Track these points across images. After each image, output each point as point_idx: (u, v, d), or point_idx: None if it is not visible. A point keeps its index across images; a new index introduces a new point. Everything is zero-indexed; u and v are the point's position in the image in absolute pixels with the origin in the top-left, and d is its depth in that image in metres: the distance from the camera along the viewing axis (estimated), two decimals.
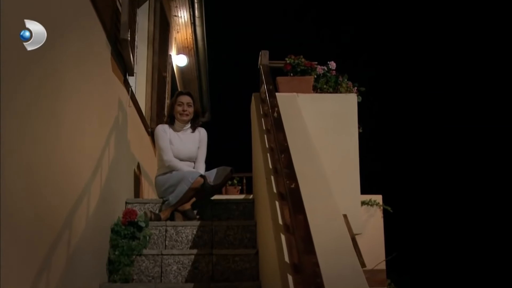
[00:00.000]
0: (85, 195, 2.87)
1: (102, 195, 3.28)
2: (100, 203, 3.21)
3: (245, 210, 4.19)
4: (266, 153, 3.33)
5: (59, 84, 2.43)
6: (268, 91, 3.75)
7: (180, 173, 4.07)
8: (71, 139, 2.64)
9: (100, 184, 3.23)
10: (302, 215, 2.24)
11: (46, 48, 2.01)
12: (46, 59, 2.23)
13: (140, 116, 4.82)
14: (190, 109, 4.30)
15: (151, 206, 4.15)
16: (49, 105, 2.30)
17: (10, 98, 1.83)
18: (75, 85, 2.71)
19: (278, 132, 3.06)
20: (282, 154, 2.79)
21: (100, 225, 3.32)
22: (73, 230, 2.63)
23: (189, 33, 8.23)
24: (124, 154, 4.13)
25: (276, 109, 3.41)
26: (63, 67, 2.51)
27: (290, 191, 2.43)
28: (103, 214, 3.38)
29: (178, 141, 4.25)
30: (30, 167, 2.06)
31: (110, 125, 3.58)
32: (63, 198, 2.54)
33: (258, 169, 3.70)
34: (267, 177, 3.04)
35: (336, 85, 4.77)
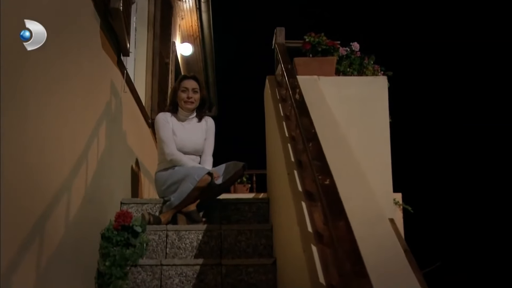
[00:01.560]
0: (64, 195, 2.31)
1: (88, 194, 2.72)
2: (85, 204, 2.65)
3: (259, 211, 3.62)
4: (286, 144, 2.75)
5: (28, 61, 1.86)
6: (286, 71, 3.17)
7: (184, 169, 3.50)
8: (47, 128, 2.08)
9: (85, 182, 2.66)
10: (343, 221, 1.66)
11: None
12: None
13: (138, 105, 4.26)
14: (196, 96, 3.72)
15: (150, 207, 3.58)
16: (14, 84, 1.75)
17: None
18: (52, 62, 2.15)
19: (302, 116, 2.49)
20: (309, 143, 2.21)
21: (87, 231, 2.76)
22: (46, 238, 2.07)
23: (194, 20, 7.66)
24: (119, 148, 3.57)
25: (297, 90, 2.84)
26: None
27: (325, 189, 1.85)
28: (90, 217, 2.81)
29: (182, 132, 3.68)
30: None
31: (99, 112, 3.02)
32: (35, 199, 1.98)
33: (276, 163, 3.13)
34: (289, 171, 2.47)
35: (361, 68, 4.19)
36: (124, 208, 3.55)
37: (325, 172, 1.96)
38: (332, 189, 1.85)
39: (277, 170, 2.99)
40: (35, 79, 1.97)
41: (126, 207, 3.55)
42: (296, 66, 3.73)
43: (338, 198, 1.79)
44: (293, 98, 2.71)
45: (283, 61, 3.34)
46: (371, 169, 3.45)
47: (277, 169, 2.99)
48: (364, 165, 3.30)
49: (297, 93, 2.77)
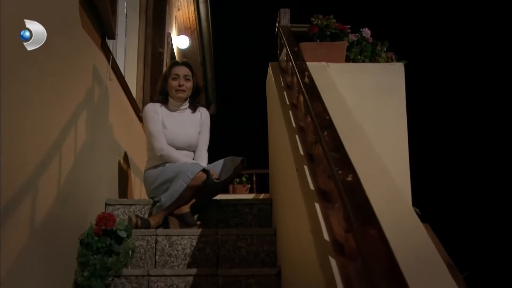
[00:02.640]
0: (28, 195, 1.92)
1: (62, 193, 2.33)
2: (57, 205, 2.25)
3: (261, 213, 3.22)
4: (293, 135, 2.36)
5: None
6: (292, 54, 2.78)
7: (176, 166, 3.10)
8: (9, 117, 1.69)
9: (57, 179, 2.27)
10: (375, 229, 1.27)
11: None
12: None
13: (128, 96, 3.87)
14: (188, 84, 3.32)
15: (139, 208, 3.19)
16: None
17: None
18: (17, 40, 1.76)
19: (313, 102, 2.10)
20: (324, 131, 1.82)
21: (61, 236, 2.37)
22: (5, 246, 1.67)
23: (191, 11, 7.28)
24: (103, 141, 3.17)
25: (306, 73, 2.45)
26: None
27: (347, 188, 1.46)
28: (64, 220, 2.42)
29: (173, 124, 3.29)
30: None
31: (77, 100, 2.63)
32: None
33: (281, 158, 2.74)
34: (298, 167, 2.07)
35: (373, 55, 3.80)
36: (109, 209, 3.16)
37: (346, 166, 1.57)
38: (356, 187, 1.46)
39: (283, 166, 2.60)
40: (5, 63, 1.59)
41: (112, 208, 3.16)
42: (302, 51, 3.34)
43: (365, 198, 1.40)
44: (301, 83, 2.32)
45: (289, 44, 2.95)
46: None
47: (283, 165, 2.60)
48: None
49: (306, 76, 2.38)
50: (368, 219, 1.32)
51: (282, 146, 2.59)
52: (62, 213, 2.36)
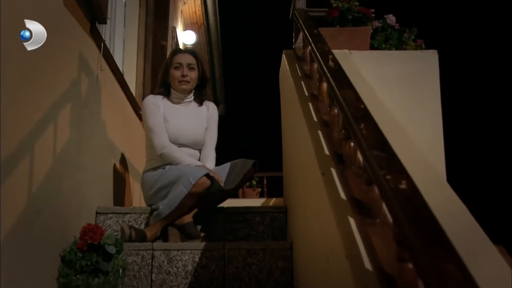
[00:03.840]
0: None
1: (36, 202, 1.92)
2: (30, 216, 1.85)
3: (274, 223, 2.81)
4: (315, 132, 1.94)
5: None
6: (312, 36, 2.36)
7: (177, 169, 2.69)
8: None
9: (28, 186, 1.86)
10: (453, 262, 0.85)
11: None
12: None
13: (125, 91, 3.47)
14: (193, 74, 2.92)
15: (134, 218, 2.78)
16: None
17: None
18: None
19: (343, 89, 1.68)
20: (360, 124, 1.40)
21: (36, 253, 1.97)
22: None
23: (198, 5, 6.89)
24: (93, 141, 2.77)
25: (330, 56, 2.03)
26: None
27: (401, 198, 1.04)
28: (41, 235, 2.02)
29: (176, 117, 2.88)
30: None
31: (59, 93, 2.23)
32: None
33: (299, 160, 2.32)
34: (323, 170, 1.65)
35: (400, 43, 3.39)
36: (100, 219, 2.76)
37: (396, 169, 1.15)
38: (415, 198, 1.04)
39: (302, 169, 2.18)
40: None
41: (103, 217, 2.76)
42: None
43: (431, 215, 0.98)
44: (325, 67, 1.90)
45: (306, 26, 2.53)
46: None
47: (302, 168, 2.18)
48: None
49: (330, 59, 1.97)
50: (439, 247, 0.90)
51: (301, 145, 2.18)
52: (37, 226, 1.96)
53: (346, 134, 1.59)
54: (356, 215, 1.34)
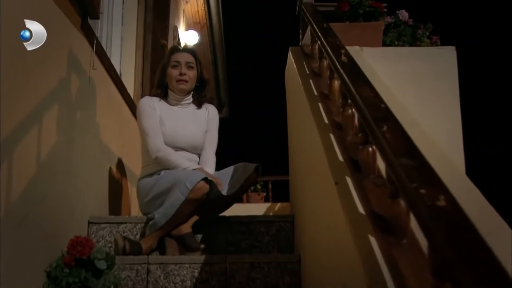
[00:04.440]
0: None
1: (16, 212, 1.73)
2: (9, 229, 1.66)
3: (280, 234, 2.60)
4: (326, 135, 1.73)
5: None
6: (321, 30, 2.16)
7: (173, 174, 2.49)
8: None
9: (9, 191, 1.67)
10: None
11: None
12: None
13: (121, 92, 3.27)
14: (191, 73, 2.72)
15: (130, 228, 2.59)
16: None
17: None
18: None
19: (359, 86, 1.47)
20: (382, 126, 1.20)
21: (18, 268, 1.77)
22: None
23: (200, 4, 6.70)
24: (85, 144, 2.57)
25: (343, 51, 1.82)
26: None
27: (441, 218, 0.84)
28: (24, 248, 1.82)
29: (173, 120, 2.69)
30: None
31: (44, 93, 2.03)
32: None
33: (308, 164, 2.11)
34: (337, 179, 1.44)
35: (414, 40, 3.18)
36: (93, 229, 2.57)
37: (432, 181, 0.94)
38: (459, 220, 0.83)
39: (312, 175, 1.97)
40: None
41: (96, 228, 2.56)
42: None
43: (481, 242, 0.77)
44: (338, 64, 1.69)
45: (315, 20, 2.33)
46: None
47: (312, 175, 1.97)
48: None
49: (342, 54, 1.76)
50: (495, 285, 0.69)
51: (310, 149, 1.97)
52: (20, 238, 1.77)
53: (363, 138, 1.38)
54: (378, 233, 1.14)
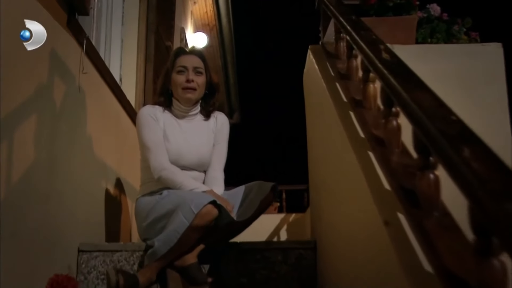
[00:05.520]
0: None
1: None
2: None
3: (301, 263, 2.23)
4: (363, 153, 1.36)
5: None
6: (350, 23, 1.79)
7: (177, 195, 2.13)
8: None
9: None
10: None
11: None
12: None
13: (120, 99, 2.93)
14: (200, 79, 2.36)
15: (126, 256, 2.23)
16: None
17: None
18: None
19: (414, 91, 1.11)
20: (461, 149, 0.83)
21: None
22: None
23: (209, 5, 6.37)
24: (73, 162, 2.22)
25: (382, 46, 1.46)
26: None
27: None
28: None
29: (178, 135, 2.34)
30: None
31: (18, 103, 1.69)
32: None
33: (336, 187, 1.74)
34: (387, 219, 1.07)
35: (449, 37, 2.81)
36: (83, 258, 2.22)
37: None
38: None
39: (341, 202, 1.60)
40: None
41: (87, 256, 2.21)
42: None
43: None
44: (378, 62, 1.33)
45: (341, 13, 1.96)
46: None
47: (342, 201, 1.60)
48: None
49: (382, 50, 1.39)
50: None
51: (341, 169, 1.60)
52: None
53: (422, 161, 1.01)
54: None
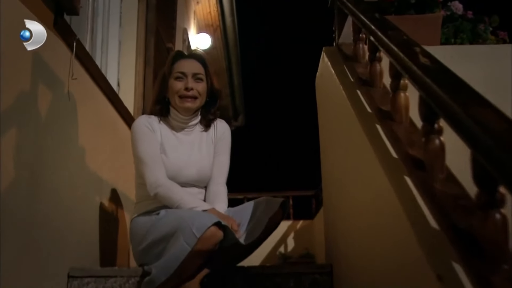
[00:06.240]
0: None
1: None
2: None
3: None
4: (399, 177, 1.13)
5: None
6: (373, 22, 1.56)
7: (176, 215, 1.90)
8: None
9: None
10: None
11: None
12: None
13: (116, 106, 2.71)
14: (200, 87, 2.13)
15: (120, 283, 2.01)
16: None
17: None
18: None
19: (467, 105, 0.87)
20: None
21: None
22: None
23: (213, 5, 6.14)
24: (60, 180, 1.99)
25: (417, 48, 1.22)
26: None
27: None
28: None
29: (176, 149, 2.11)
30: None
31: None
32: None
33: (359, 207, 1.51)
34: (440, 273, 0.83)
35: (475, 37, 2.59)
36: (74, 284, 1.99)
37: None
38: None
39: (365, 229, 1.37)
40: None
41: (78, 283, 1.99)
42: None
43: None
44: (416, 68, 1.10)
45: (362, 10, 1.73)
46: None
47: (365, 227, 1.37)
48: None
49: (419, 53, 1.16)
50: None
51: (367, 195, 1.37)
52: None
53: (486, 198, 0.78)
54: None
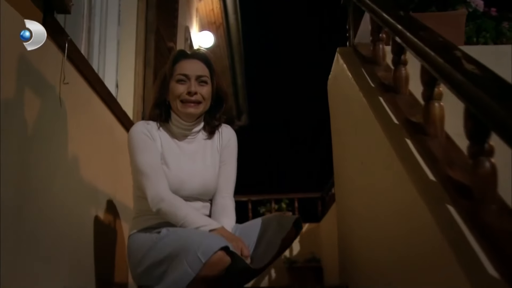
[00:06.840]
0: None
1: None
2: None
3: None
4: (439, 205, 0.95)
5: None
6: (401, 21, 1.38)
7: (179, 235, 1.74)
8: None
9: None
10: None
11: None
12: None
13: (113, 110, 2.54)
14: (205, 90, 1.94)
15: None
16: None
17: None
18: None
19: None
20: None
21: None
22: None
23: (215, 2, 5.99)
24: (55, 191, 1.83)
25: (458, 53, 1.05)
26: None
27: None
28: None
29: (179, 158, 1.94)
30: None
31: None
32: None
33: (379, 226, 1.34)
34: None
35: (498, 35, 2.43)
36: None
37: None
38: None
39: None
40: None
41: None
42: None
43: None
44: (460, 74, 0.92)
45: (383, 7, 1.55)
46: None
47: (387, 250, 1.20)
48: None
49: (462, 59, 0.99)
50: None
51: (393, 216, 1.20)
52: None
53: None
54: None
